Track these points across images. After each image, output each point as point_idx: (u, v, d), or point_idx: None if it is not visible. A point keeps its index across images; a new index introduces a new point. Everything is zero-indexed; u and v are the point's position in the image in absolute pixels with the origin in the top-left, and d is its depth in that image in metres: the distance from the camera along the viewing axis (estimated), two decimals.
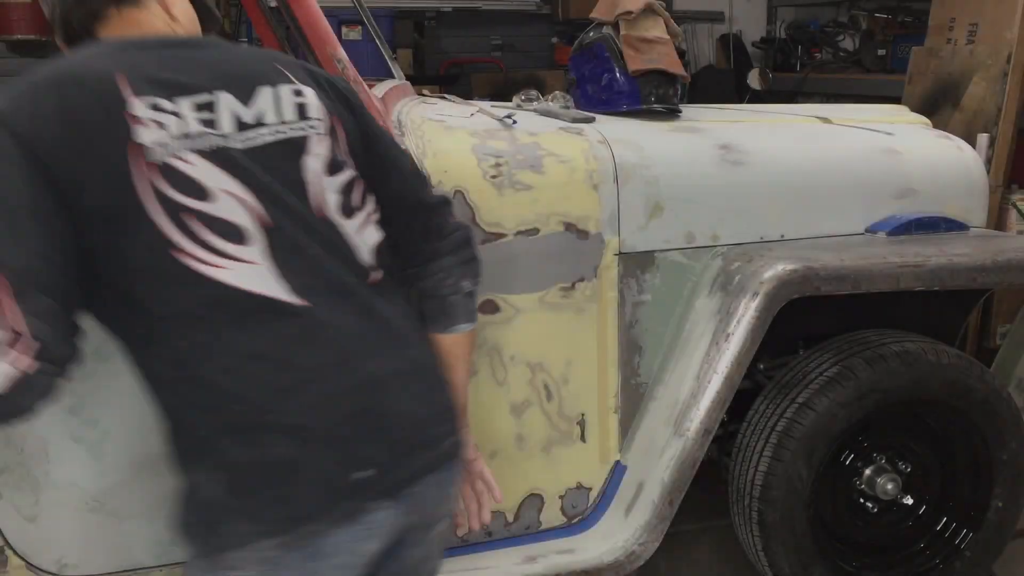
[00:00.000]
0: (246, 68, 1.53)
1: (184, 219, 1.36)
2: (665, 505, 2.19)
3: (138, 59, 1.44)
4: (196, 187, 1.38)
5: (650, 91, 2.59)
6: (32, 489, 2.00)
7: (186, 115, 1.41)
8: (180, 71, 1.45)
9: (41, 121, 1.34)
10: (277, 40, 3.54)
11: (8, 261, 1.25)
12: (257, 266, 1.39)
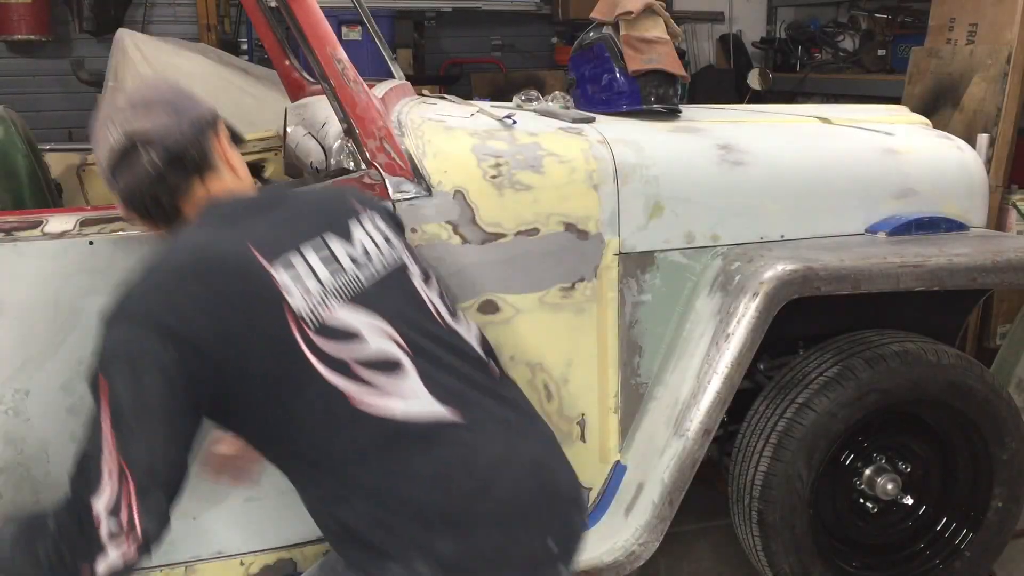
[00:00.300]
0: (330, 207, 1.65)
1: (346, 366, 1.45)
2: (665, 505, 2.19)
3: (251, 226, 1.51)
4: (348, 333, 1.47)
5: (650, 91, 2.59)
6: (32, 489, 2.00)
7: (317, 267, 1.49)
8: (288, 226, 1.53)
9: (191, 312, 1.40)
10: (277, 40, 3.54)
11: (138, 460, 1.35)
12: (416, 392, 1.50)
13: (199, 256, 1.46)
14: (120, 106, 1.62)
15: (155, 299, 1.41)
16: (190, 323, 1.39)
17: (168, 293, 1.42)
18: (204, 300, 1.41)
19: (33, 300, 1.94)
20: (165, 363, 1.37)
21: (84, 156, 3.21)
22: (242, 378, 1.42)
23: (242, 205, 1.60)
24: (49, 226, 1.96)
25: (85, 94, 5.75)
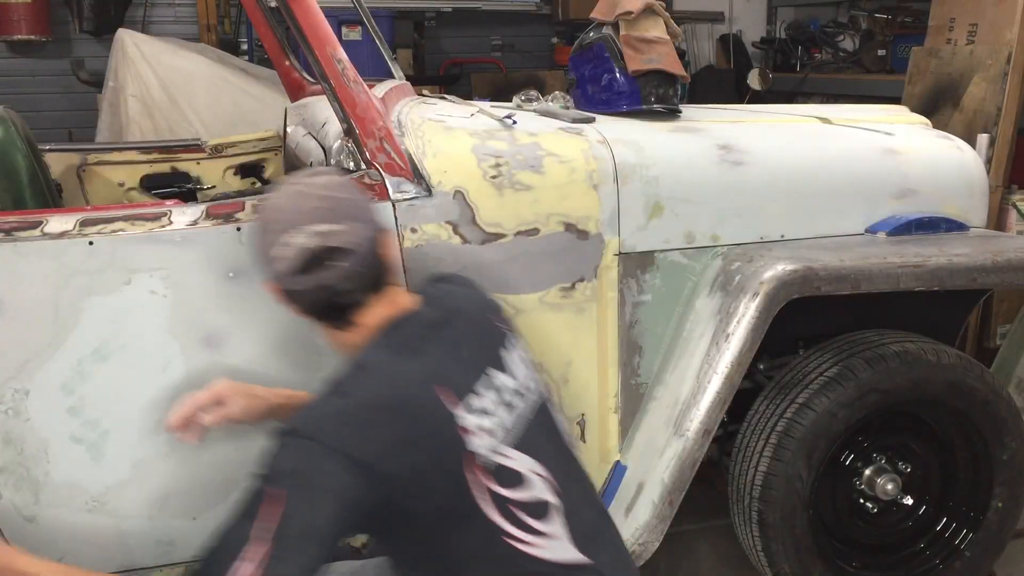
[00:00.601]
0: (485, 329, 1.67)
1: (510, 508, 1.51)
2: (665, 505, 2.19)
3: (431, 358, 1.54)
4: (516, 477, 1.54)
5: (650, 91, 2.59)
6: (32, 489, 2.00)
7: (490, 409, 1.54)
8: (460, 359, 1.57)
9: (378, 448, 1.43)
10: (277, 40, 3.54)
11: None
12: (559, 535, 1.57)
13: (391, 394, 1.49)
14: (307, 208, 1.58)
15: (344, 428, 1.43)
16: (375, 458, 1.42)
17: (358, 425, 1.44)
18: (391, 439, 1.44)
19: (33, 300, 1.94)
20: (342, 490, 1.39)
21: (84, 156, 3.21)
22: (409, 511, 1.47)
23: (420, 328, 1.60)
24: (49, 226, 1.96)
25: (85, 94, 5.75)
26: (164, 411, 2.02)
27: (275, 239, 1.58)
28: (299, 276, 1.58)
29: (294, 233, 1.56)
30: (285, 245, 1.56)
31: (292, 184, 1.63)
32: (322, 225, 1.56)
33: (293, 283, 1.59)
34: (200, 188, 3.32)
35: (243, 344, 2.05)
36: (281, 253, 1.57)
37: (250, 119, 4.59)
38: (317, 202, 1.59)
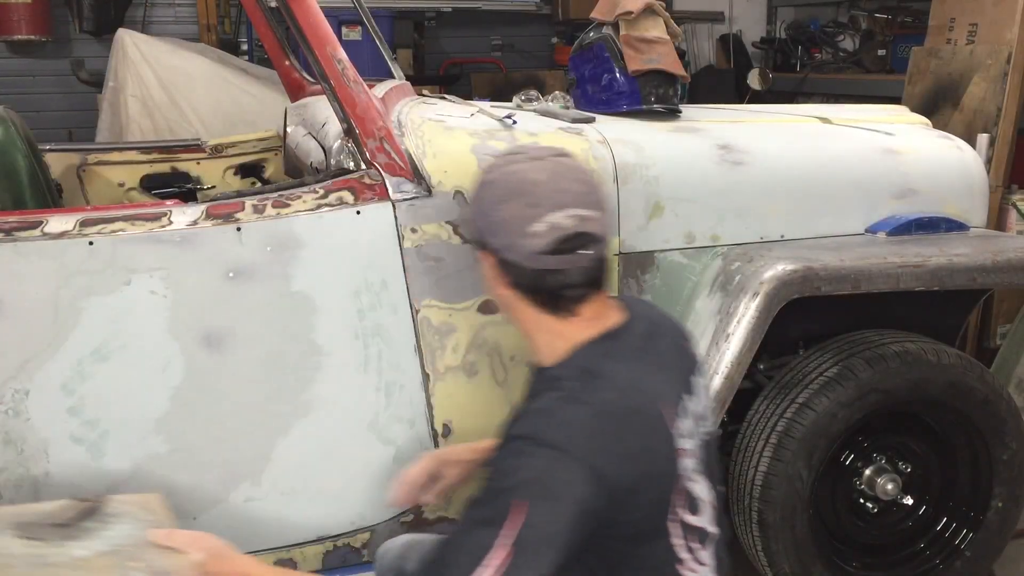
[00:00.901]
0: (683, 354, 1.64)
1: (686, 534, 1.53)
2: None
3: (652, 373, 1.53)
4: (696, 503, 1.54)
5: (650, 91, 2.59)
6: (32, 489, 2.00)
7: (690, 434, 1.53)
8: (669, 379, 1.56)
9: (614, 457, 1.42)
10: (277, 40, 3.54)
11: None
12: (707, 562, 1.58)
13: (626, 405, 1.47)
14: (566, 188, 1.51)
15: (589, 439, 1.41)
16: (611, 467, 1.41)
17: (600, 436, 1.42)
18: (625, 451, 1.43)
19: (33, 300, 1.94)
20: (582, 500, 1.38)
21: (84, 156, 3.21)
22: (612, 523, 1.45)
23: (638, 340, 1.57)
24: (49, 226, 1.96)
25: (85, 94, 5.75)
26: (164, 411, 2.03)
27: (531, 213, 1.48)
28: (543, 255, 1.49)
29: (554, 211, 1.48)
30: (541, 221, 1.48)
31: (539, 157, 1.54)
32: (581, 209, 1.50)
33: (533, 261, 1.50)
34: (200, 188, 3.32)
35: (243, 344, 2.05)
36: (535, 229, 1.48)
37: (250, 119, 4.58)
38: (576, 184, 1.52)
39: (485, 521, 1.38)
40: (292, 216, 2.05)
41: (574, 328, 1.55)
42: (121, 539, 1.57)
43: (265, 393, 2.09)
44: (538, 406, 1.47)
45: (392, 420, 2.16)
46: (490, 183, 1.54)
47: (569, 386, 1.46)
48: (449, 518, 2.24)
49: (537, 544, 1.36)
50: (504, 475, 1.40)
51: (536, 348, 1.60)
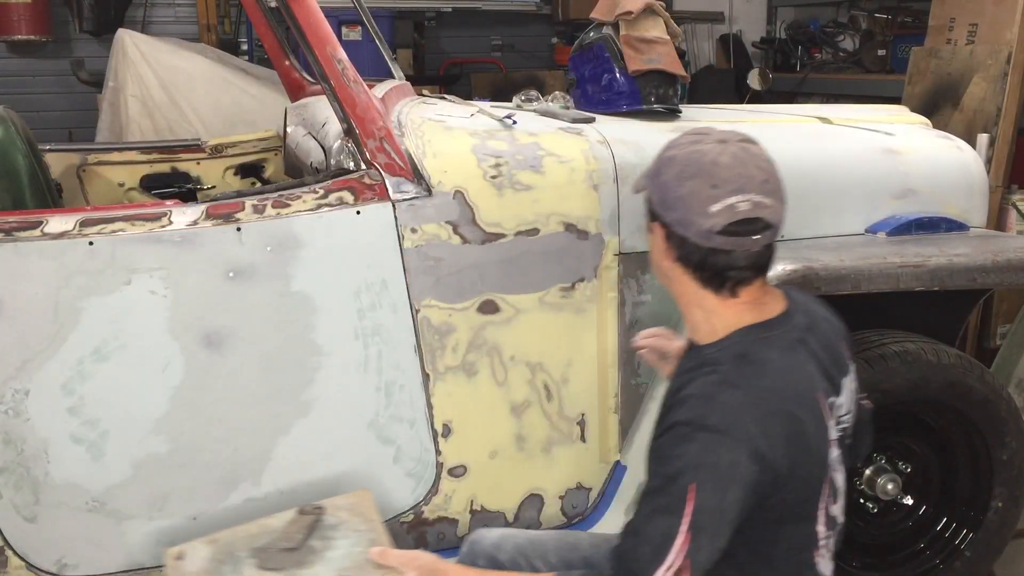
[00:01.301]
0: (836, 353, 1.68)
1: (827, 520, 1.61)
2: None
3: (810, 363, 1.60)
4: (837, 492, 1.63)
5: (650, 91, 2.59)
6: (32, 489, 2.00)
7: (836, 425, 1.61)
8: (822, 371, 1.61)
9: (778, 439, 1.49)
10: (277, 40, 3.54)
11: (701, 564, 1.48)
12: (831, 551, 1.65)
13: (786, 391, 1.54)
14: (750, 175, 1.54)
15: (750, 420, 1.48)
16: (775, 449, 1.49)
17: (761, 418, 1.49)
18: (785, 434, 1.50)
19: (33, 300, 1.94)
20: (749, 480, 1.47)
21: (84, 156, 3.21)
22: (765, 505, 1.53)
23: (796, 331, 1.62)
24: (49, 226, 1.96)
25: (85, 94, 5.75)
26: (164, 412, 2.03)
27: (711, 194, 1.52)
28: (715, 235, 1.53)
29: (733, 195, 1.52)
30: (720, 202, 1.52)
31: (725, 140, 1.57)
32: (759, 196, 1.53)
33: (705, 239, 1.54)
34: (200, 188, 3.32)
35: (243, 344, 2.05)
36: (713, 209, 1.52)
37: (250, 119, 4.59)
38: (757, 172, 1.55)
39: (662, 509, 1.48)
40: (292, 216, 2.06)
41: (733, 310, 1.60)
42: (344, 560, 1.76)
43: (265, 393, 2.09)
44: (696, 391, 1.53)
45: (392, 420, 2.16)
46: (672, 159, 1.58)
47: (724, 370, 1.53)
48: (449, 518, 2.24)
49: (711, 525, 1.47)
50: (672, 461, 1.49)
51: (692, 323, 1.65)
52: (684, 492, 1.46)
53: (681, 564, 1.45)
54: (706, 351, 1.60)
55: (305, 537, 1.81)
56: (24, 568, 2.02)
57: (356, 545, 1.79)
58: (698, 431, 1.48)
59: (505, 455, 2.27)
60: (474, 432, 2.23)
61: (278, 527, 1.84)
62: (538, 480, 2.31)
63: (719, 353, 1.57)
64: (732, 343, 1.58)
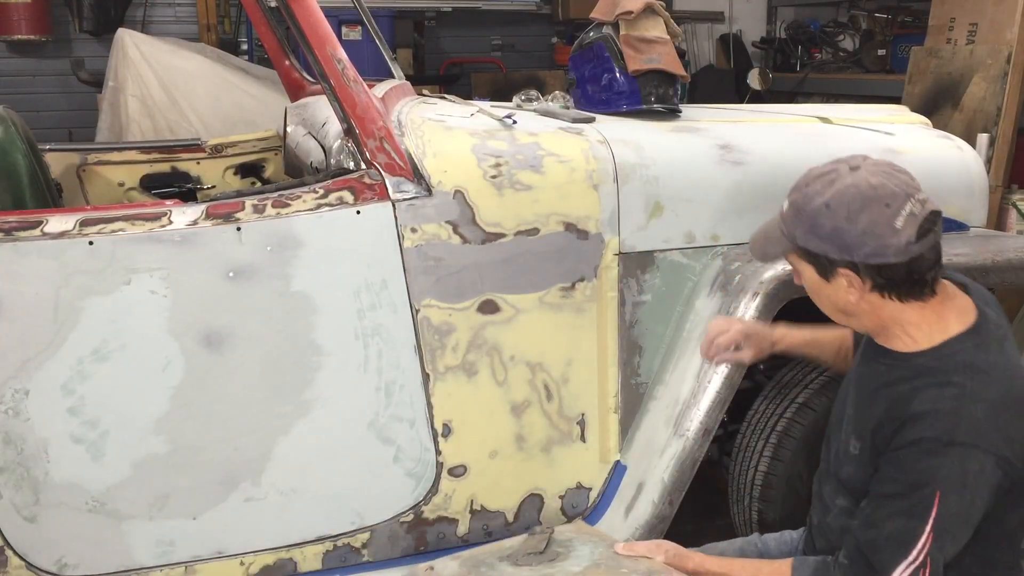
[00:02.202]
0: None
1: None
2: (665, 505, 2.19)
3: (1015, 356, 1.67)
4: None
5: (650, 91, 2.59)
6: (32, 489, 2.00)
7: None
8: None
9: (1014, 445, 1.58)
10: (277, 40, 3.54)
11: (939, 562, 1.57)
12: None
13: (1016, 393, 1.61)
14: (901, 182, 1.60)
15: (994, 430, 1.57)
16: (1016, 451, 1.59)
17: (1004, 426, 1.58)
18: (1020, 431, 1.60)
19: (33, 300, 1.94)
20: (993, 485, 1.58)
21: (84, 156, 3.21)
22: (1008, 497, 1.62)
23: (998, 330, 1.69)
24: (49, 226, 1.96)
25: (85, 94, 5.75)
26: (165, 412, 2.03)
27: (890, 212, 1.57)
28: (912, 245, 1.58)
29: (904, 203, 1.58)
30: (900, 216, 1.57)
31: (856, 166, 1.64)
32: (919, 193, 1.60)
33: (905, 253, 1.59)
34: (200, 188, 3.32)
35: (243, 344, 2.05)
36: (899, 224, 1.57)
37: (250, 119, 4.59)
38: (903, 175, 1.62)
39: (905, 512, 1.57)
40: (292, 216, 2.06)
41: (935, 314, 1.66)
42: (594, 557, 1.84)
43: (265, 393, 2.09)
44: (936, 406, 1.58)
45: (392, 420, 2.16)
46: (828, 205, 1.62)
47: (959, 382, 1.59)
48: (449, 518, 2.24)
49: (954, 526, 1.57)
50: (918, 473, 1.57)
51: (893, 337, 1.70)
52: (930, 499, 1.55)
53: (922, 561, 1.55)
54: (918, 360, 1.65)
55: (546, 547, 1.89)
56: (24, 568, 2.02)
57: (597, 547, 1.87)
58: (946, 447, 1.55)
59: (505, 455, 2.27)
60: (474, 432, 2.23)
61: (515, 544, 1.93)
62: (538, 480, 2.31)
63: (940, 363, 1.63)
64: (952, 352, 1.63)
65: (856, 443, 1.72)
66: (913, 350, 1.67)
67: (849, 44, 6.28)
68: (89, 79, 5.59)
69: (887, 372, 1.70)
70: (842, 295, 1.67)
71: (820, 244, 1.64)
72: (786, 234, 1.69)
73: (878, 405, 1.68)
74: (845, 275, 1.64)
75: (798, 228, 1.66)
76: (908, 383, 1.64)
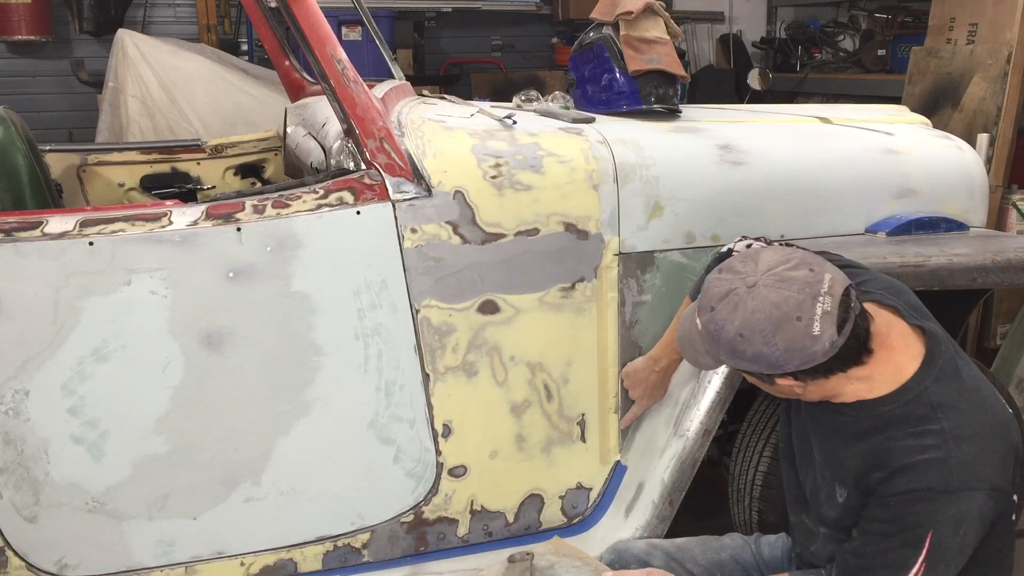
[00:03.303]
0: None
1: None
2: (665, 505, 2.19)
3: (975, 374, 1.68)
4: None
5: (650, 91, 2.59)
6: (32, 489, 2.00)
7: None
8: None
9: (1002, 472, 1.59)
10: (277, 40, 3.54)
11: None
12: None
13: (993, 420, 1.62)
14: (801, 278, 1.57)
15: (985, 465, 1.58)
16: (1007, 478, 1.61)
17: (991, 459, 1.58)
18: (1010, 458, 1.62)
19: (33, 300, 1.94)
20: (987, 516, 1.59)
21: (84, 156, 3.21)
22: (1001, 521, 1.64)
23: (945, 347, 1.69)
24: (49, 226, 1.96)
25: (85, 94, 5.75)
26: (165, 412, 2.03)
27: (803, 324, 1.55)
28: (838, 339, 1.57)
29: (812, 306, 1.55)
30: (814, 321, 1.55)
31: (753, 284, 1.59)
32: (826, 282, 1.57)
33: (833, 349, 1.57)
34: (200, 188, 3.32)
35: (243, 344, 2.05)
36: (817, 331, 1.55)
37: (250, 119, 4.59)
38: (800, 272, 1.58)
39: (901, 547, 1.59)
40: (292, 216, 2.06)
41: (887, 359, 1.65)
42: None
43: (265, 393, 2.09)
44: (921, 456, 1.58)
45: (392, 420, 2.16)
46: (742, 336, 1.59)
47: (934, 429, 1.59)
48: (449, 518, 2.24)
49: (947, 559, 1.59)
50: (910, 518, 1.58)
51: (849, 395, 1.68)
52: (922, 538, 1.56)
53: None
54: (882, 409, 1.65)
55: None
56: (24, 568, 2.02)
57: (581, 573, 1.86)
58: (940, 495, 1.56)
59: (505, 455, 2.27)
60: (474, 432, 2.23)
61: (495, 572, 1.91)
62: (538, 480, 2.31)
63: (907, 410, 1.62)
64: (915, 396, 1.63)
65: (842, 491, 1.71)
66: (872, 397, 1.65)
67: (849, 44, 6.28)
68: (89, 79, 5.59)
69: (853, 424, 1.68)
70: (788, 390, 1.68)
71: (749, 365, 1.63)
72: (710, 354, 1.67)
73: (854, 457, 1.67)
74: (784, 381, 1.65)
75: (721, 353, 1.64)
76: (881, 434, 1.63)
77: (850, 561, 1.67)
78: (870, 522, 1.65)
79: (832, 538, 1.77)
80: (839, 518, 1.74)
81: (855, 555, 1.67)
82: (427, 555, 2.24)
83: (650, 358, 2.26)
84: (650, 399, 2.29)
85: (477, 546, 2.27)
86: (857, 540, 1.67)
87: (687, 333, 1.72)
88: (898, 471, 1.59)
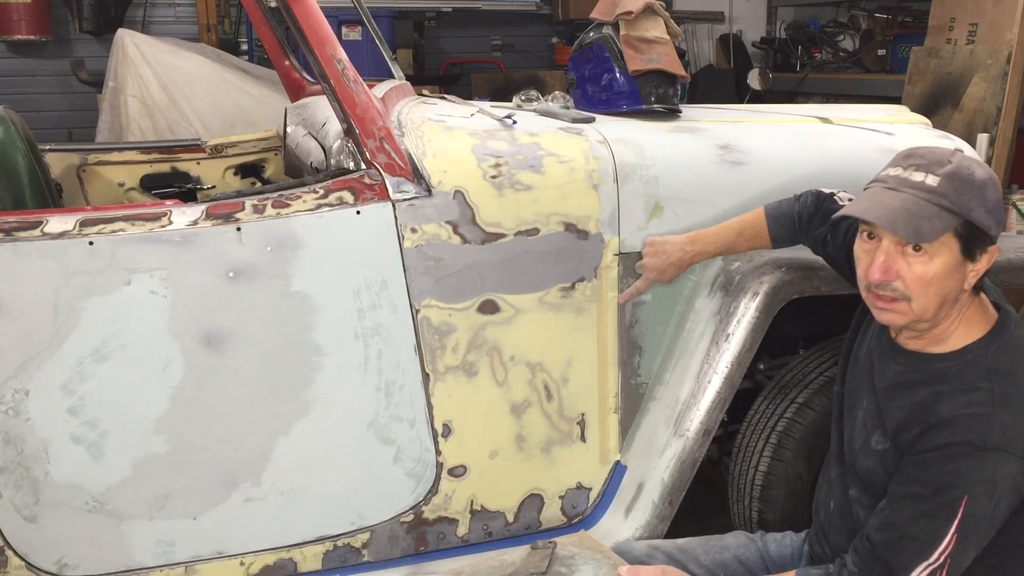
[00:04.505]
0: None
1: None
2: (665, 505, 2.19)
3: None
4: None
5: (650, 91, 2.59)
6: (32, 489, 2.00)
7: None
8: None
9: None
10: (277, 40, 3.55)
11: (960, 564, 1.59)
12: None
13: None
14: None
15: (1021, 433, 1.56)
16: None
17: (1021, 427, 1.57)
18: None
19: (33, 300, 1.94)
20: (1019, 487, 1.58)
21: (84, 156, 3.21)
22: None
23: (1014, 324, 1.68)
24: (49, 226, 1.96)
25: (85, 94, 5.76)
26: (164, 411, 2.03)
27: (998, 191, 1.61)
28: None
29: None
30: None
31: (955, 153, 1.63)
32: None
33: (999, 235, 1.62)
34: (200, 188, 3.32)
35: (243, 344, 2.05)
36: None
37: (250, 119, 4.59)
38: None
39: (929, 514, 1.57)
40: (292, 216, 2.06)
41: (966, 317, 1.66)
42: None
43: (265, 393, 2.09)
44: (965, 411, 1.57)
45: (392, 420, 2.17)
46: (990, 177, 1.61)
47: (985, 387, 1.58)
48: (449, 518, 2.24)
49: (979, 530, 1.57)
50: (946, 476, 1.57)
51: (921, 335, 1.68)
52: (956, 502, 1.55)
53: (942, 563, 1.56)
54: (938, 365, 1.65)
55: (548, 565, 1.88)
56: (24, 568, 2.02)
57: (600, 567, 1.87)
58: (977, 451, 1.55)
59: (505, 455, 2.27)
60: (474, 432, 2.24)
61: (516, 560, 1.92)
62: (538, 480, 2.31)
63: (962, 369, 1.62)
64: (973, 358, 1.63)
65: (881, 439, 1.70)
66: (932, 352, 1.66)
67: (849, 44, 6.29)
68: (89, 79, 5.59)
69: (902, 373, 1.69)
70: (966, 279, 1.61)
71: (986, 218, 1.57)
72: (953, 208, 1.55)
73: (899, 408, 1.66)
74: (991, 252, 1.62)
75: (972, 200, 1.55)
76: (929, 388, 1.63)
77: (875, 537, 1.64)
78: (903, 484, 1.63)
79: (858, 502, 1.76)
80: (868, 472, 1.72)
81: (881, 528, 1.63)
82: (427, 555, 2.24)
83: (688, 238, 2.20)
84: (660, 275, 2.23)
85: (477, 546, 2.27)
86: (886, 511, 1.64)
87: (901, 203, 1.58)
88: (938, 424, 1.58)
